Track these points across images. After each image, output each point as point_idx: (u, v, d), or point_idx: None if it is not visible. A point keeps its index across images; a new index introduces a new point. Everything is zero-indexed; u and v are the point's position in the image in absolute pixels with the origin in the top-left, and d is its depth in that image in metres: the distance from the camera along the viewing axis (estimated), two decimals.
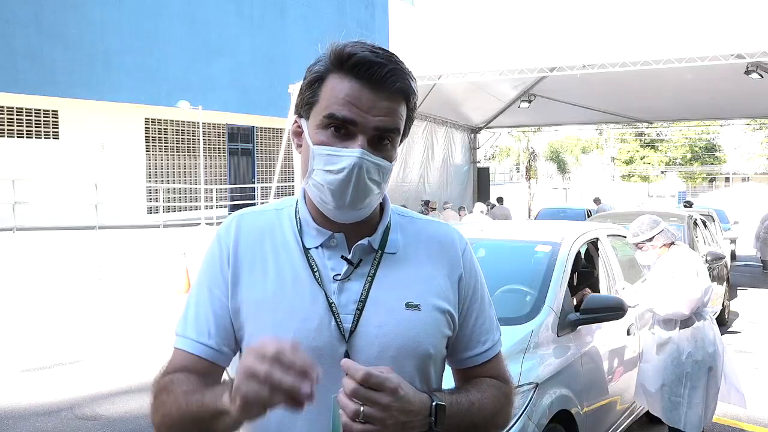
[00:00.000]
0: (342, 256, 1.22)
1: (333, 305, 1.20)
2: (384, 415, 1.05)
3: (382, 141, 1.17)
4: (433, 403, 1.13)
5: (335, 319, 1.19)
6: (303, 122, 1.22)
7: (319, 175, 1.17)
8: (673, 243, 4.16)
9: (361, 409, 1.03)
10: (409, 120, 1.24)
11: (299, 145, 1.24)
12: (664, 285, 3.97)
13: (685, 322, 4.00)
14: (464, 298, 1.30)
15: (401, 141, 1.25)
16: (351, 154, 1.14)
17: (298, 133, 1.25)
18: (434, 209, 14.23)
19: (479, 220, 10.69)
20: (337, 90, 1.16)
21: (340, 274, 1.22)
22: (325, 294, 1.20)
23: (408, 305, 1.22)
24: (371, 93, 1.15)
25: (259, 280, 1.23)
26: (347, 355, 1.18)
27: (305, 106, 1.21)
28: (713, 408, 4.07)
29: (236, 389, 0.97)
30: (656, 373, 4.04)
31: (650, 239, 4.14)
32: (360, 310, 1.20)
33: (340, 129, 1.16)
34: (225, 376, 1.33)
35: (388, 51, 1.18)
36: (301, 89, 1.22)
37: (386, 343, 1.19)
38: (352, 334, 1.19)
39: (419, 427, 1.11)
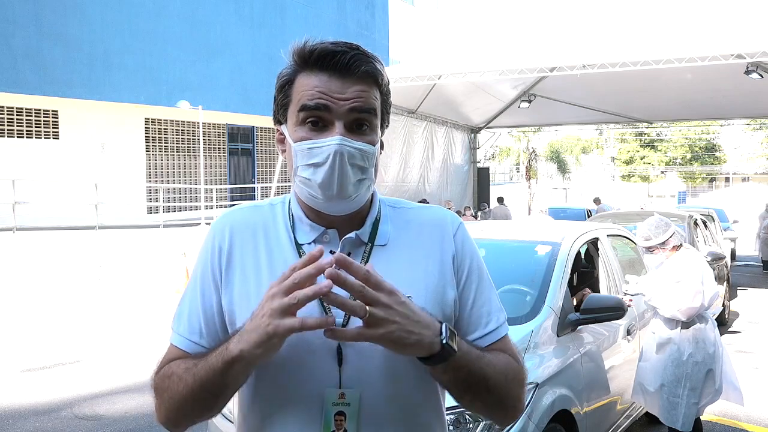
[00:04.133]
0: (331, 251, 1.21)
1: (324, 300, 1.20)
2: (386, 314, 1.04)
3: (361, 126, 1.18)
4: (443, 324, 1.11)
5: (326, 313, 1.18)
6: (283, 128, 1.24)
7: (303, 171, 1.18)
8: (681, 245, 4.15)
9: (367, 308, 1.03)
10: (386, 105, 1.24)
11: (284, 150, 1.25)
12: (668, 288, 3.97)
13: (687, 323, 4.00)
14: (459, 280, 1.27)
15: (383, 129, 1.25)
16: (330, 142, 1.14)
17: (281, 140, 1.26)
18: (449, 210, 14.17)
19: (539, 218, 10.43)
20: (306, 85, 1.17)
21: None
22: None
23: None
24: (339, 80, 1.16)
25: (251, 277, 1.23)
26: (339, 349, 1.17)
27: (281, 109, 1.23)
28: (706, 404, 4.09)
29: (258, 314, 1.05)
30: (655, 373, 4.04)
31: (663, 243, 4.10)
32: None
33: (317, 123, 1.16)
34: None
35: (349, 42, 1.19)
36: (274, 96, 1.24)
37: None
38: (344, 328, 1.18)
39: (427, 346, 1.09)
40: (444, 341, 1.09)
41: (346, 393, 1.16)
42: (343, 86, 1.16)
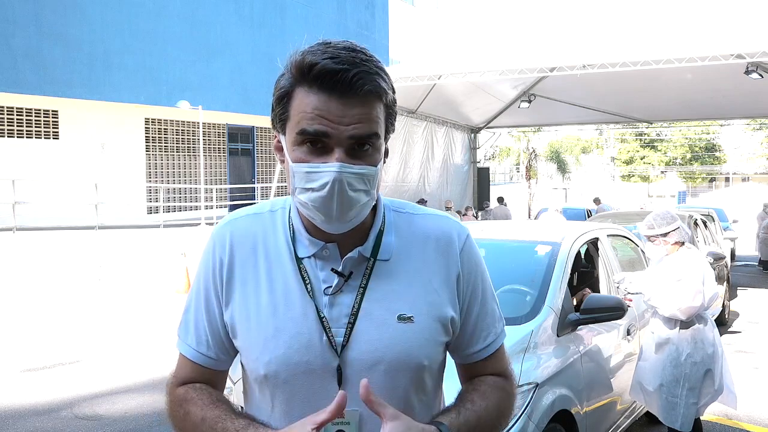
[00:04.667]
0: (332, 269, 1.20)
1: (324, 319, 1.18)
2: None
3: (363, 147, 1.12)
4: (442, 427, 1.13)
5: (326, 333, 1.17)
6: (282, 137, 1.19)
7: (302, 194, 1.14)
8: (683, 243, 4.14)
9: None
10: (390, 116, 1.19)
11: (282, 161, 1.20)
12: (668, 286, 3.96)
13: (686, 323, 4.00)
14: (463, 296, 1.27)
15: (387, 136, 1.21)
16: (329, 169, 1.09)
17: (279, 149, 1.21)
18: (449, 209, 14.21)
19: (554, 220, 10.48)
20: (305, 104, 1.11)
21: (331, 287, 1.19)
22: (317, 308, 1.19)
23: (400, 318, 1.19)
24: (339, 102, 1.09)
25: (251, 294, 1.22)
26: (339, 369, 1.17)
27: (279, 122, 1.18)
28: (706, 403, 4.08)
29: None
30: (654, 373, 4.04)
31: (665, 234, 4.11)
32: (352, 324, 1.18)
33: (316, 143, 1.11)
34: (229, 383, 1.35)
35: (352, 51, 1.11)
36: (272, 105, 1.19)
37: (378, 357, 1.17)
38: (344, 348, 1.17)
39: None
40: None
41: (345, 412, 1.14)
42: (345, 107, 1.09)
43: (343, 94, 1.09)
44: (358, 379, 1.14)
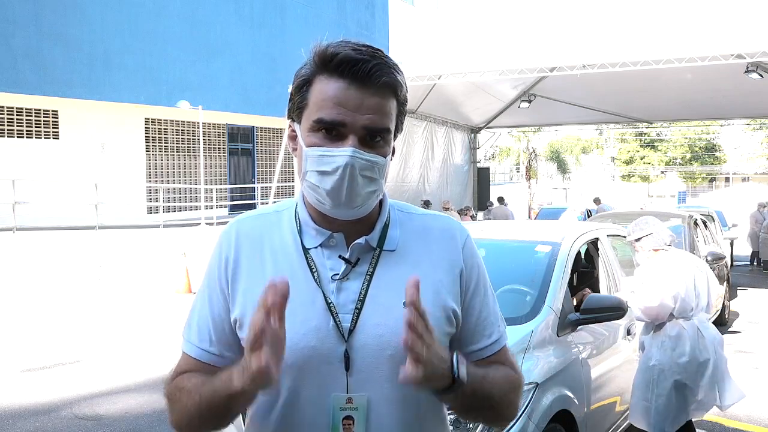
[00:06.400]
0: (339, 256, 1.22)
1: (331, 305, 1.19)
2: (429, 355, 1.05)
3: (374, 138, 1.17)
4: (454, 354, 1.13)
5: (334, 318, 1.19)
6: (296, 126, 1.23)
7: (312, 176, 1.17)
8: (666, 248, 4.13)
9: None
10: (401, 114, 1.24)
11: (294, 149, 1.25)
12: (637, 289, 4.00)
13: (657, 327, 3.95)
14: (465, 292, 1.29)
15: (396, 135, 1.25)
16: (342, 153, 1.14)
17: (293, 137, 1.25)
18: (447, 209, 14.21)
19: (570, 219, 10.55)
20: (324, 92, 1.16)
21: (338, 274, 1.21)
22: (324, 294, 1.20)
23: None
24: (358, 91, 1.15)
25: (257, 285, 1.22)
26: (347, 354, 1.17)
27: (296, 110, 1.22)
28: (682, 419, 3.92)
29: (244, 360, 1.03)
30: (635, 374, 4.06)
31: (638, 240, 4.13)
32: (359, 309, 1.20)
33: (331, 131, 1.16)
34: None
35: (372, 47, 1.18)
36: (291, 94, 1.23)
37: (385, 342, 1.18)
38: (351, 333, 1.18)
39: (442, 378, 1.10)
40: (456, 375, 1.11)
41: (353, 397, 1.16)
42: (361, 97, 1.15)
43: (362, 84, 1.15)
44: (365, 365, 1.16)
